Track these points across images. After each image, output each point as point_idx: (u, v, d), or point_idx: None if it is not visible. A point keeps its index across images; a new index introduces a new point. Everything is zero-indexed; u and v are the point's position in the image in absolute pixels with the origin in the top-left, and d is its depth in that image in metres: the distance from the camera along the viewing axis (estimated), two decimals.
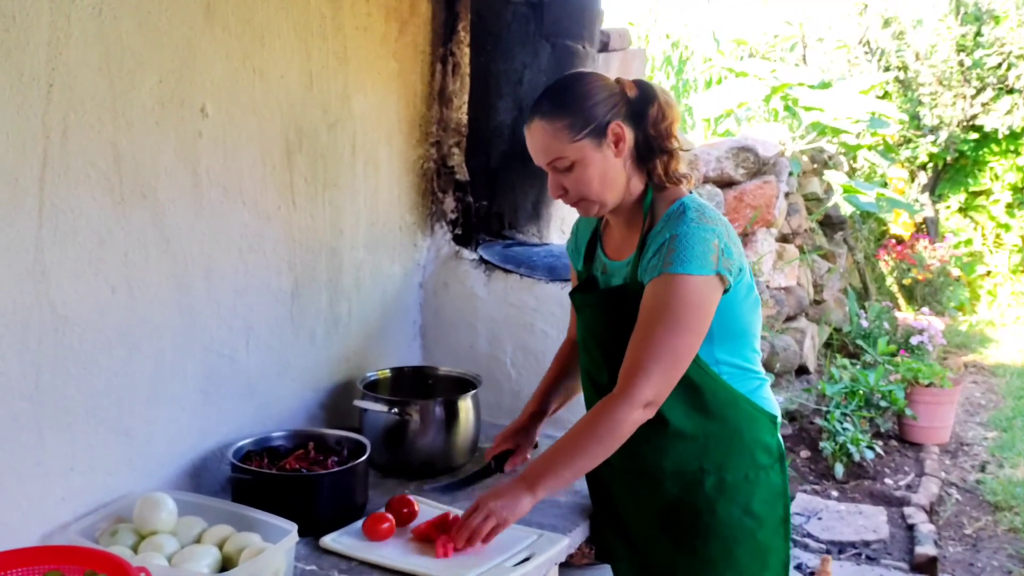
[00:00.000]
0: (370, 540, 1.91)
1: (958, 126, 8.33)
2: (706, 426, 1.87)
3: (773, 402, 1.96)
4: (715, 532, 1.88)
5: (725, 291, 1.78)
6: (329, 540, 1.89)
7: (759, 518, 1.89)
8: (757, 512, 1.89)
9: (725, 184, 5.31)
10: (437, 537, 1.88)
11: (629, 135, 1.82)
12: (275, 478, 1.98)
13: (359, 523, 1.96)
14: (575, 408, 2.25)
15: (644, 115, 1.83)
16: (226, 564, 1.73)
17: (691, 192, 1.89)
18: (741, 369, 1.88)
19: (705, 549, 1.88)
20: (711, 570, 1.89)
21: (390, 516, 1.95)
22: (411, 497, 2.02)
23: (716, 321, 1.79)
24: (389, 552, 1.86)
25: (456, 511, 1.96)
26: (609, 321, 1.90)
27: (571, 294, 2.04)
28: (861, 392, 4.94)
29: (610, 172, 1.82)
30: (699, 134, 7.01)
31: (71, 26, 1.72)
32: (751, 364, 1.91)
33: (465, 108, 2.87)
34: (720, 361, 1.85)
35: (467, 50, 2.83)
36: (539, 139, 1.82)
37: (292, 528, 1.76)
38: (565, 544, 1.96)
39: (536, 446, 2.21)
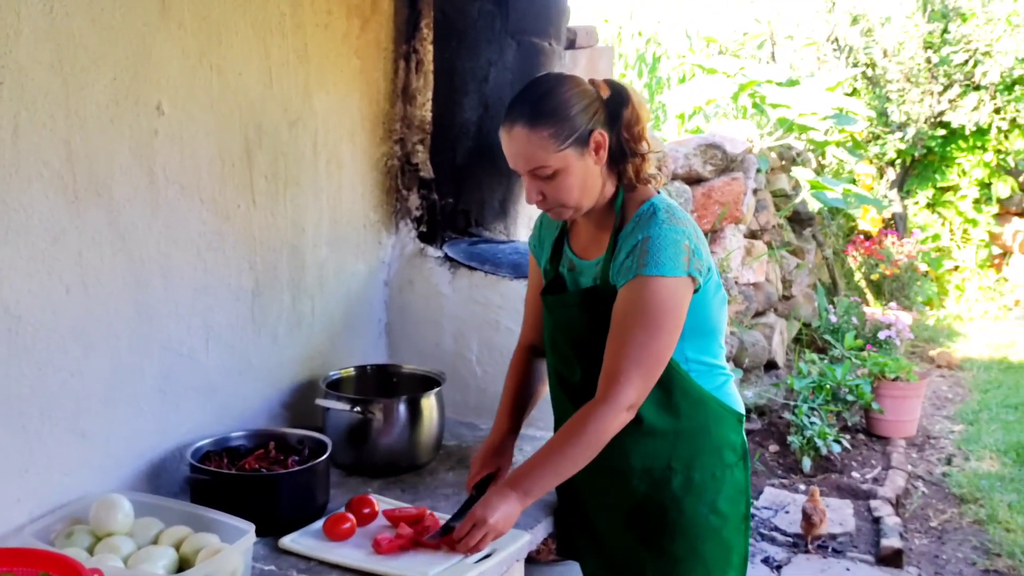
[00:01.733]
0: (331, 540, 1.90)
1: (926, 122, 8.41)
2: (676, 424, 1.88)
3: (738, 399, 1.98)
4: (682, 530, 1.89)
5: (695, 291, 1.79)
6: (288, 541, 1.88)
7: (724, 516, 1.91)
8: (722, 510, 1.91)
9: (693, 181, 5.33)
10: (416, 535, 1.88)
11: (607, 141, 1.81)
12: (234, 478, 1.97)
13: (319, 523, 1.95)
14: (544, 406, 2.25)
15: (619, 117, 1.83)
16: (183, 565, 1.72)
17: (658, 192, 1.90)
18: (708, 366, 1.90)
19: (672, 547, 1.90)
20: (678, 567, 1.91)
21: (351, 516, 1.94)
22: (372, 497, 2.02)
23: (687, 320, 1.80)
24: (349, 552, 1.86)
25: (439, 514, 1.96)
26: (583, 321, 1.91)
27: (543, 295, 2.03)
28: (828, 386, 4.98)
29: (589, 179, 1.82)
30: (672, 130, 7.04)
31: (21, 23, 1.70)
32: (717, 360, 1.93)
33: (429, 105, 2.86)
34: (689, 359, 1.86)
35: (430, 47, 2.82)
36: (520, 147, 1.79)
37: (250, 528, 1.75)
38: (526, 540, 1.96)
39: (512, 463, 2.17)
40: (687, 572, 1.91)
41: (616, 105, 1.83)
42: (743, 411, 1.97)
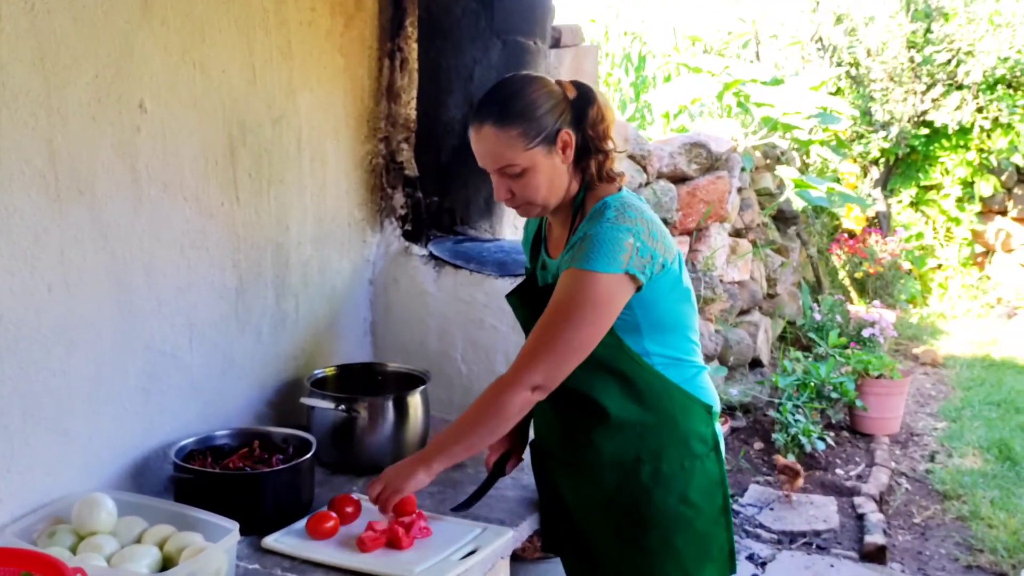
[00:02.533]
0: (313, 539, 1.90)
1: (909, 122, 8.45)
2: (642, 416, 1.89)
3: (710, 392, 1.98)
4: (653, 522, 1.90)
5: (638, 288, 1.80)
6: (271, 540, 1.88)
7: (696, 507, 1.92)
8: (694, 501, 1.92)
9: (678, 179, 5.34)
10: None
11: (574, 140, 1.84)
12: (217, 477, 1.96)
13: (302, 522, 1.95)
14: None
15: (584, 117, 1.85)
16: (167, 564, 1.72)
17: (621, 190, 1.91)
18: (675, 360, 1.91)
19: (645, 539, 1.91)
20: (652, 560, 1.92)
21: (334, 515, 1.94)
22: (355, 496, 2.01)
23: (641, 314, 1.83)
24: (333, 551, 1.85)
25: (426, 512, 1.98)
26: (533, 318, 1.92)
27: (506, 297, 2.09)
28: (813, 384, 5.00)
29: (556, 177, 1.85)
30: (657, 129, 7.05)
31: (1, 21, 1.70)
32: (687, 355, 1.93)
33: (414, 104, 2.86)
34: (652, 352, 1.87)
35: (415, 45, 2.82)
36: (490, 145, 1.82)
37: (234, 527, 1.75)
38: (510, 536, 1.97)
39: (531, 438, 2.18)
40: (661, 564, 1.92)
41: (582, 105, 1.86)
42: (715, 403, 1.97)
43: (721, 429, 2.01)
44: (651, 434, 1.90)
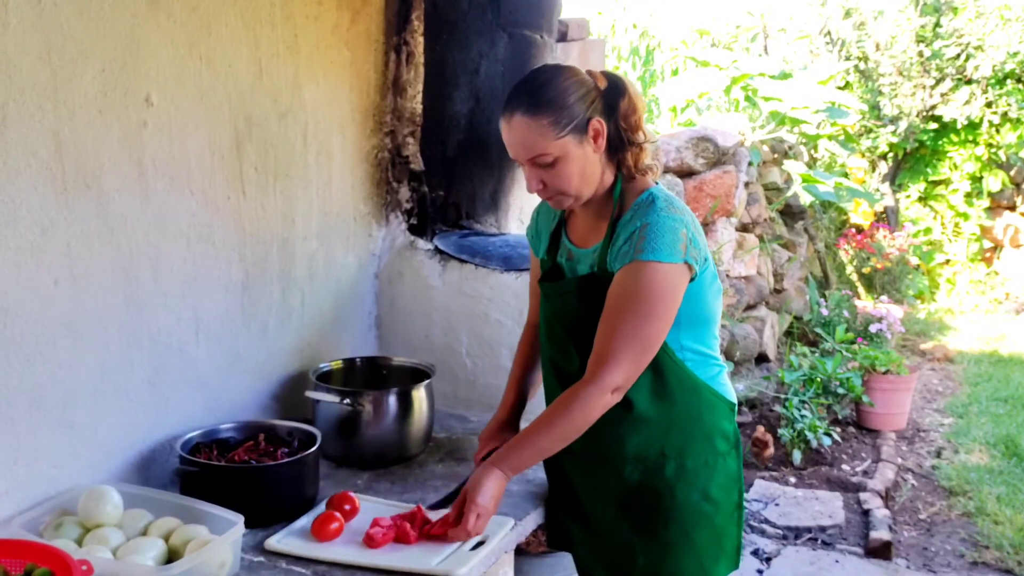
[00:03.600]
0: (319, 542, 1.88)
1: (918, 116, 8.43)
2: (669, 412, 1.90)
3: (731, 389, 2.00)
4: (674, 517, 1.91)
5: (691, 279, 1.81)
6: (275, 542, 1.85)
7: (716, 503, 1.93)
8: (715, 497, 1.92)
9: (685, 174, 5.34)
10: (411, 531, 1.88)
11: (605, 129, 1.84)
12: (223, 470, 1.97)
13: (303, 521, 1.93)
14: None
15: (616, 108, 1.85)
16: (172, 556, 1.72)
17: (656, 183, 1.92)
18: (703, 355, 1.92)
19: (664, 533, 1.92)
20: (670, 554, 1.92)
21: (338, 515, 1.92)
22: (351, 494, 2.00)
23: (683, 308, 1.82)
24: (341, 549, 1.84)
25: (430, 510, 1.97)
26: (579, 309, 1.92)
27: (540, 283, 2.05)
28: (819, 380, 4.99)
29: (588, 167, 1.85)
30: (665, 123, 7.04)
31: (8, 14, 1.70)
32: (711, 350, 1.94)
33: (420, 98, 2.86)
34: (684, 347, 1.88)
35: (421, 39, 2.82)
36: (520, 135, 1.82)
37: (239, 520, 1.75)
38: (515, 531, 1.97)
39: None
40: (679, 557, 1.92)
41: (613, 95, 1.85)
42: (735, 401, 1.99)
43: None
44: (677, 430, 1.90)
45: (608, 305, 1.80)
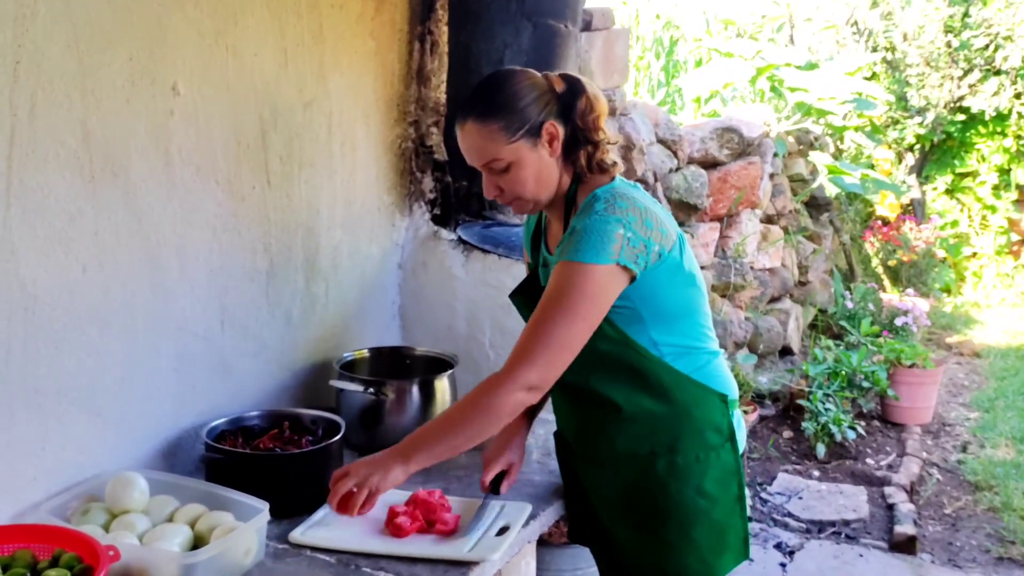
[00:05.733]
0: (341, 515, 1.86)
1: (945, 107, 8.33)
2: (654, 408, 1.88)
3: (725, 379, 1.95)
4: (670, 514, 1.90)
5: (632, 279, 1.77)
6: (299, 534, 1.85)
7: (712, 498, 1.90)
8: (710, 492, 1.90)
9: (709, 165, 5.29)
10: (415, 517, 1.88)
11: (560, 132, 1.83)
12: (248, 457, 1.98)
13: (319, 513, 1.92)
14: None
15: (572, 108, 1.84)
16: (198, 543, 1.74)
17: (614, 180, 1.88)
18: (684, 348, 1.88)
19: (664, 531, 1.90)
20: (671, 552, 1.91)
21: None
22: None
23: (641, 305, 1.80)
24: (367, 538, 1.85)
25: (452, 497, 1.97)
26: None
27: (510, 297, 2.07)
28: (844, 373, 4.95)
29: (544, 171, 1.84)
30: (688, 114, 7.00)
31: (37, 3, 1.71)
32: (698, 342, 1.91)
33: (444, 87, 2.86)
34: (659, 343, 1.85)
35: (445, 28, 2.81)
36: (473, 141, 1.82)
37: (264, 507, 1.77)
38: (528, 510, 1.97)
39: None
40: (681, 555, 1.91)
41: (570, 97, 1.84)
42: (730, 391, 1.94)
43: (740, 416, 1.98)
44: (664, 427, 1.88)
45: (538, 304, 1.79)
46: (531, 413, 2.15)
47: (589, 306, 1.74)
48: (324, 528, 1.88)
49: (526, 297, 2.01)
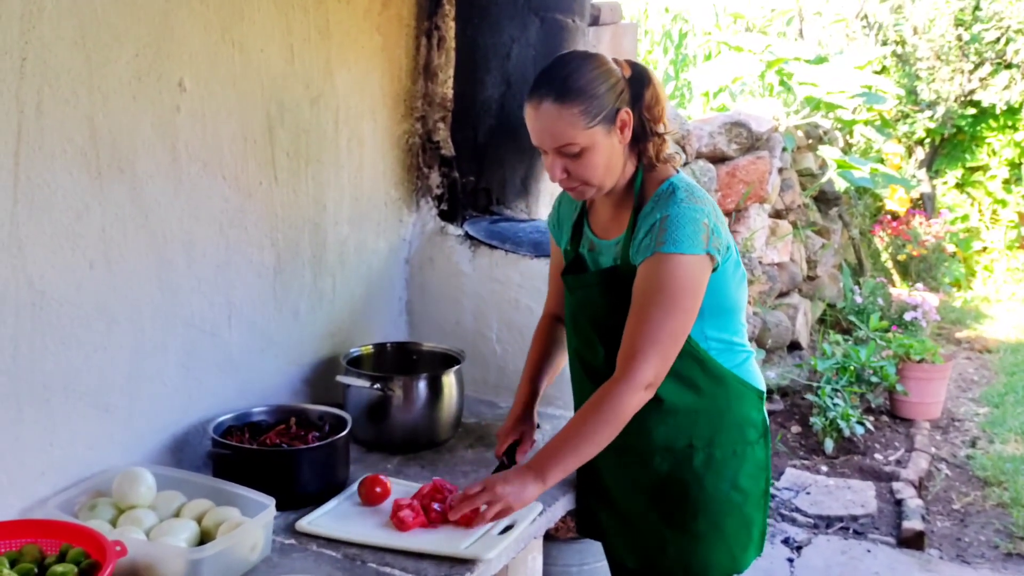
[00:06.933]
0: (364, 505, 1.91)
1: (955, 101, 8.29)
2: (696, 402, 1.89)
3: (759, 376, 1.98)
4: (704, 507, 1.90)
5: (714, 270, 1.79)
6: (306, 523, 1.87)
7: (745, 492, 1.92)
8: (743, 486, 1.92)
9: (718, 159, 5.29)
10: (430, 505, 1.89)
11: (631, 120, 1.82)
12: (255, 453, 1.99)
13: (331, 504, 1.94)
14: (560, 384, 2.25)
15: (641, 98, 1.83)
16: (204, 538, 1.74)
17: (678, 172, 1.90)
18: (728, 344, 1.90)
19: (694, 524, 1.91)
20: (701, 544, 1.92)
21: (384, 478, 1.95)
22: (383, 477, 2.01)
23: (706, 299, 1.80)
24: (371, 531, 1.85)
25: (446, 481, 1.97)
26: (603, 302, 1.91)
27: (563, 276, 2.04)
28: (852, 368, 4.94)
29: (614, 158, 1.83)
30: (697, 108, 6.98)
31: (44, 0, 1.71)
32: (738, 338, 1.93)
33: (451, 83, 2.85)
34: (709, 337, 1.87)
35: (452, 24, 2.81)
36: (548, 123, 1.79)
37: (271, 503, 1.77)
38: (543, 517, 1.97)
39: (538, 426, 2.17)
40: (710, 548, 1.92)
41: (638, 85, 1.84)
42: (764, 389, 1.97)
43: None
44: (704, 420, 1.89)
45: (634, 301, 1.79)
46: (539, 390, 2.16)
47: (691, 298, 1.76)
48: (330, 518, 1.90)
49: (578, 281, 1.98)
